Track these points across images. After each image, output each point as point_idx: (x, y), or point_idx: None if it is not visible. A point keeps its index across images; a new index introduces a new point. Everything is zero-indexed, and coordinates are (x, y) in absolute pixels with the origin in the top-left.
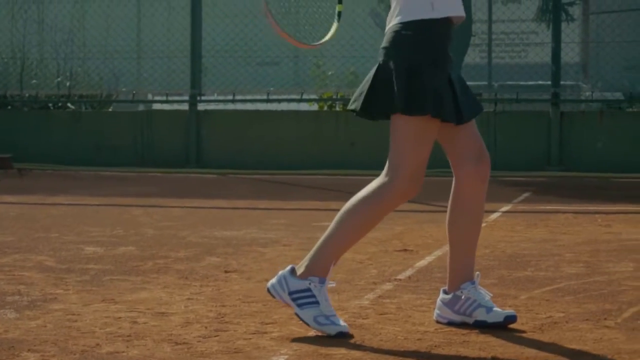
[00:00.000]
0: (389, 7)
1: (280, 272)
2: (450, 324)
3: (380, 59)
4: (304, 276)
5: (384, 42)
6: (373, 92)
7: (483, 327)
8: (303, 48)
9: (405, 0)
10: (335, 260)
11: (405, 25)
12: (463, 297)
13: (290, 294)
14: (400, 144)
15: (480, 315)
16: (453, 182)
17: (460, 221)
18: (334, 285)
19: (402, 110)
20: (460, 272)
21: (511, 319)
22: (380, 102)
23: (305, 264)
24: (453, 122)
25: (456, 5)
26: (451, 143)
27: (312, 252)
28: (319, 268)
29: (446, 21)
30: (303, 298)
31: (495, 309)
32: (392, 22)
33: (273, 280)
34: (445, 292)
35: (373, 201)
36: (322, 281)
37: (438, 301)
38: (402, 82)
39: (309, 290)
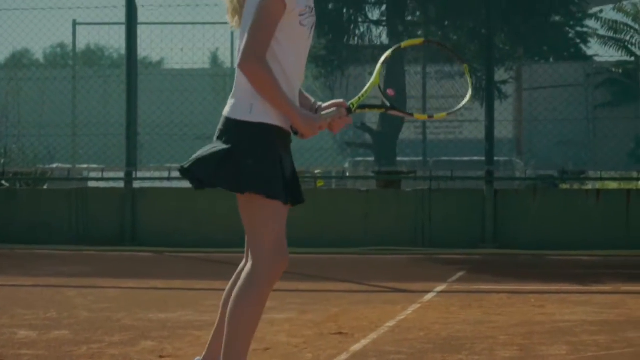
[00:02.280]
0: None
1: None
2: None
3: (223, 138)
4: None
5: (222, 125)
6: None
7: None
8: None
9: (238, 97)
10: (245, 356)
11: (236, 122)
12: None
13: None
14: (258, 226)
15: None
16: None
17: None
18: None
19: (265, 195)
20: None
21: None
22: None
23: None
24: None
25: (277, 115)
26: None
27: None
28: None
29: (265, 125)
30: None
31: None
32: (229, 109)
33: None
34: None
35: (250, 292)
36: None
37: None
38: (261, 167)
39: None
